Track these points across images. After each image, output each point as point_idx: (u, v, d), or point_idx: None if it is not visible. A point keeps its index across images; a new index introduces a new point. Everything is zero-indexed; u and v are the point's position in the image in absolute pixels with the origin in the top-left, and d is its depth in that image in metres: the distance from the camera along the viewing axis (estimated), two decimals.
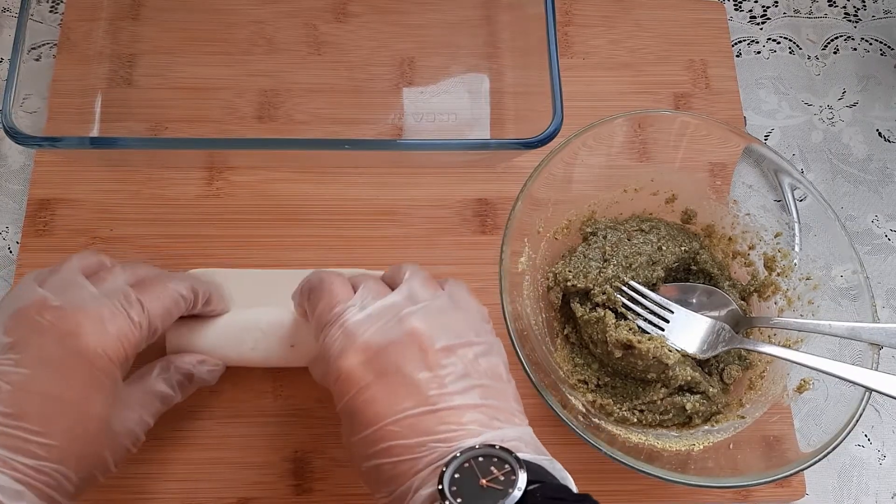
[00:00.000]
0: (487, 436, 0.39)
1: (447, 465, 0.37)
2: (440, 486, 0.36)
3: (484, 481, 0.36)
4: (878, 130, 0.66)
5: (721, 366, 0.54)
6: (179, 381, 0.48)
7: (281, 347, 0.50)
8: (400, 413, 0.39)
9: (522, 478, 0.36)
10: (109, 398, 0.42)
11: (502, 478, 0.36)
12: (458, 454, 0.37)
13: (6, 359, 0.41)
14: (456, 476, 0.37)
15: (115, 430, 0.43)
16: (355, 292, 0.43)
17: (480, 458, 0.37)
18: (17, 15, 0.53)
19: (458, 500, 0.36)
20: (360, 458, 0.40)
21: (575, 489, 0.38)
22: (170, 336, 0.49)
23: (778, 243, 0.55)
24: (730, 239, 0.57)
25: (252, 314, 0.51)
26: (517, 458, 0.37)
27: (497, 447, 0.37)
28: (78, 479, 0.41)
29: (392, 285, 0.45)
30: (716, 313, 0.54)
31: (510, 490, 0.36)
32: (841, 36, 0.69)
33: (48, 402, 0.40)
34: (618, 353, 0.51)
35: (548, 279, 0.55)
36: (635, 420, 0.52)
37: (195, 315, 0.50)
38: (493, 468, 0.37)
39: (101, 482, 0.43)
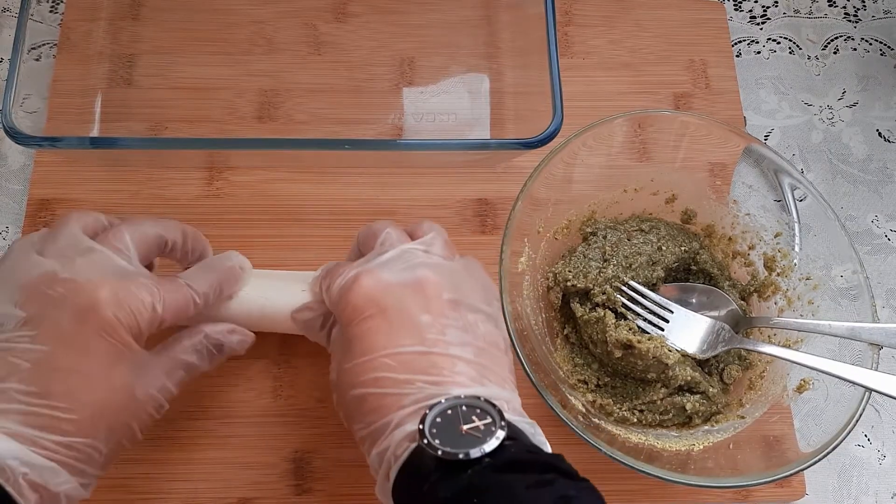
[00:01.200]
0: (476, 390, 0.40)
1: (431, 407, 0.38)
2: (421, 426, 0.37)
3: (464, 428, 0.37)
4: (877, 130, 0.66)
5: (721, 366, 0.54)
6: (209, 350, 0.47)
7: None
8: (396, 347, 0.40)
9: (501, 433, 0.37)
10: (132, 368, 0.42)
11: (482, 428, 0.37)
12: (443, 400, 0.38)
13: (22, 336, 0.40)
14: (438, 420, 0.38)
15: (140, 398, 0.42)
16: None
17: (464, 408, 0.38)
18: (17, 15, 0.53)
19: (437, 441, 0.37)
20: (347, 386, 0.41)
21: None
22: None
23: (778, 243, 0.55)
24: (730, 239, 0.57)
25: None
26: (500, 413, 0.38)
27: (482, 399, 0.38)
28: (107, 450, 0.41)
29: (413, 237, 0.47)
30: (715, 313, 0.54)
31: (487, 439, 0.36)
32: (841, 36, 0.69)
33: (72, 378, 0.40)
34: (618, 353, 0.51)
35: (548, 279, 0.55)
36: (635, 420, 0.52)
37: None
38: (475, 418, 0.38)
39: (126, 451, 0.43)
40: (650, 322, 0.53)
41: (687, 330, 0.53)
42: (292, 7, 0.65)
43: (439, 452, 0.36)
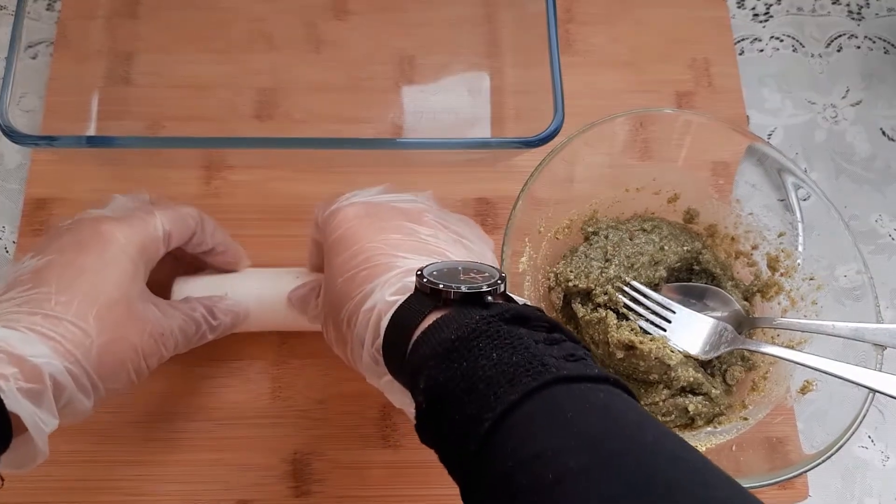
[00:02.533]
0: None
1: (425, 266, 0.36)
2: (419, 271, 0.35)
3: (463, 277, 0.35)
4: (881, 129, 0.66)
5: (724, 367, 0.54)
6: (203, 314, 0.47)
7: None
8: (386, 235, 0.40)
9: (503, 285, 0.35)
10: (129, 277, 0.42)
11: (481, 280, 0.35)
12: (438, 261, 0.37)
13: (27, 257, 0.42)
14: (434, 273, 0.36)
15: (146, 322, 0.42)
16: None
17: (462, 267, 0.36)
18: (13, 13, 0.53)
19: (435, 274, 0.35)
20: (337, 276, 0.39)
21: None
22: (176, 288, 0.50)
23: (781, 243, 0.55)
24: (732, 239, 0.57)
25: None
26: (500, 272, 0.36)
27: (483, 263, 0.37)
28: (99, 344, 0.39)
29: None
30: (718, 314, 0.54)
31: (490, 281, 0.35)
32: (844, 34, 0.69)
33: (65, 269, 0.40)
34: (619, 354, 0.51)
35: (549, 279, 0.54)
36: None
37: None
38: (474, 274, 0.36)
39: (133, 385, 0.42)
40: (652, 323, 0.53)
41: (689, 331, 0.53)
42: (291, 5, 0.64)
43: (440, 286, 0.34)
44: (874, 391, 0.47)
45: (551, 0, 0.55)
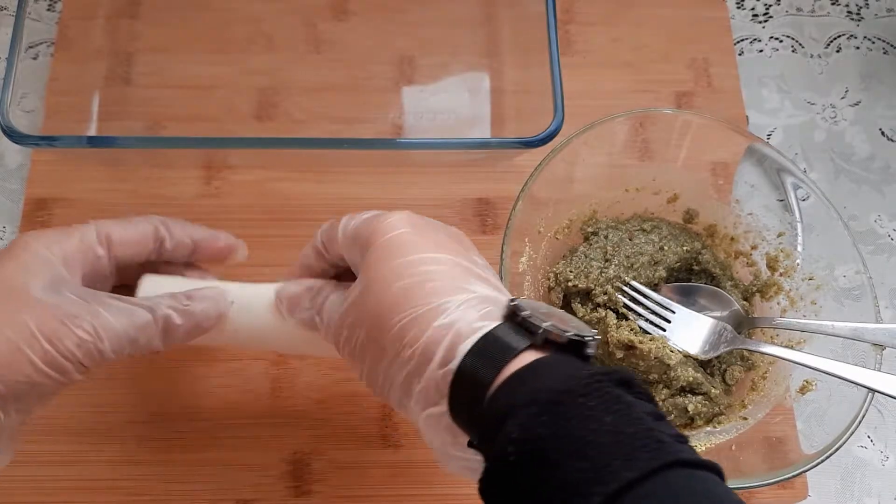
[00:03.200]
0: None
1: (512, 299, 0.33)
2: (512, 301, 0.32)
3: (546, 319, 0.32)
4: (881, 129, 0.66)
5: (723, 367, 0.54)
6: (171, 304, 0.41)
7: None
8: (442, 253, 0.36)
9: (595, 338, 0.32)
10: (33, 271, 0.38)
11: (571, 327, 0.32)
12: (519, 299, 0.34)
13: None
14: (527, 309, 0.32)
15: (51, 307, 0.37)
16: None
17: (544, 309, 0.33)
18: (14, 13, 0.53)
19: (527, 311, 0.31)
20: (390, 280, 0.35)
21: None
22: (141, 284, 0.44)
23: (780, 243, 0.55)
24: (732, 239, 0.57)
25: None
26: (587, 327, 0.33)
27: (557, 310, 0.34)
28: None
29: None
30: (718, 314, 0.54)
31: (587, 331, 0.32)
32: (844, 34, 0.69)
33: None
34: (619, 354, 0.51)
35: (549, 279, 0.54)
36: None
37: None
38: (556, 320, 0.32)
39: (48, 377, 0.37)
40: (652, 322, 0.53)
41: (689, 330, 0.53)
42: (291, 5, 0.64)
43: (546, 325, 0.31)
44: (873, 391, 0.47)
45: (551, 0, 0.55)
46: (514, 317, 0.32)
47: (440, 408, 0.32)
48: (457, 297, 0.34)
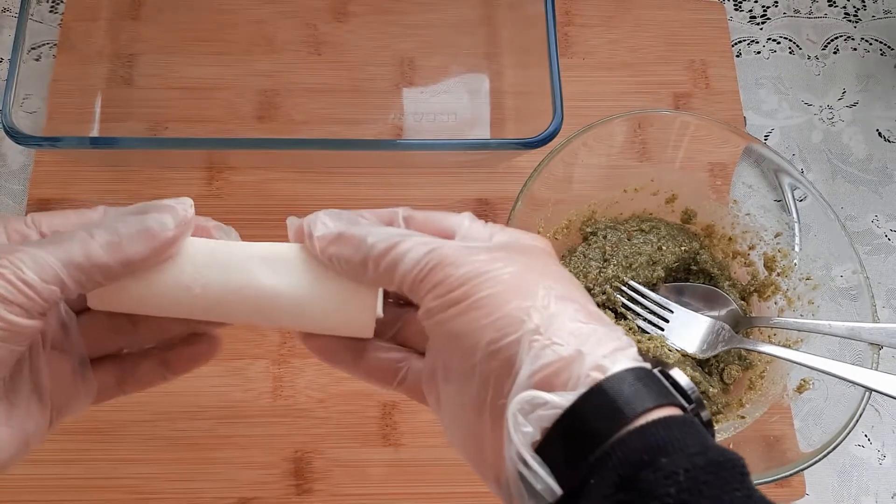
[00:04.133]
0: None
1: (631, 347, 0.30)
2: (648, 353, 0.31)
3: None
4: (878, 130, 0.66)
5: (721, 366, 0.54)
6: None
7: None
8: (542, 290, 0.30)
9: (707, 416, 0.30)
10: None
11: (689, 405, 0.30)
12: (642, 358, 0.30)
13: None
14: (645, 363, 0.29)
15: None
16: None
17: (659, 372, 0.30)
18: (17, 15, 0.53)
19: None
20: (487, 341, 0.29)
21: None
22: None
23: (778, 243, 0.55)
24: (730, 239, 0.57)
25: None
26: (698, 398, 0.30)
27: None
28: None
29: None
30: (716, 313, 0.54)
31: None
32: (841, 36, 0.69)
33: None
34: None
35: None
36: None
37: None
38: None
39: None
40: (650, 322, 0.53)
41: (687, 330, 0.53)
42: (292, 7, 0.65)
43: (692, 393, 0.29)
44: (870, 390, 0.47)
45: (550, 2, 0.55)
46: (663, 372, 0.30)
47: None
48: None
